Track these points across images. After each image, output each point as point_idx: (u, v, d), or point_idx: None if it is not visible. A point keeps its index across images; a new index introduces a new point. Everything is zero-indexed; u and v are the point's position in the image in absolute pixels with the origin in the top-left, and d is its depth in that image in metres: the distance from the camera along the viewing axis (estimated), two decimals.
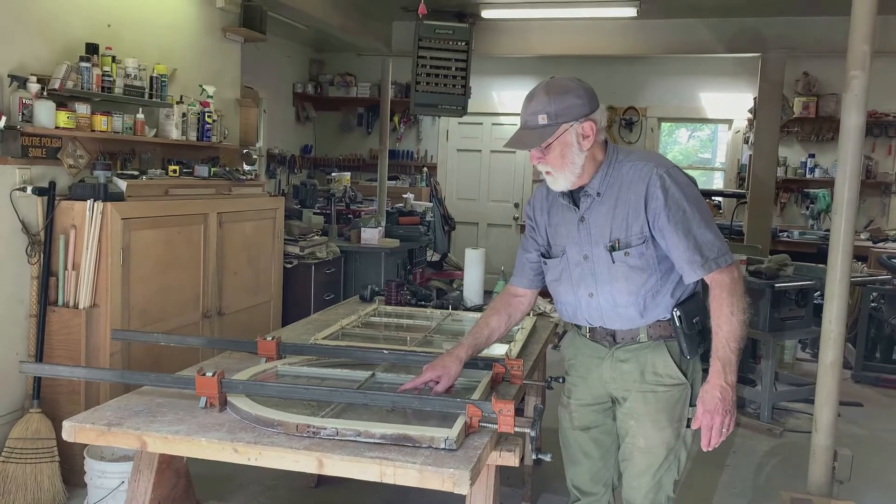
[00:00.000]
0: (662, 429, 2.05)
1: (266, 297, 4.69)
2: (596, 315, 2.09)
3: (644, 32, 6.64)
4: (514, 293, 2.30)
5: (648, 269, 1.99)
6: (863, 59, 2.89)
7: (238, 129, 5.07)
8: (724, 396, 1.91)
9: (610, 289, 2.03)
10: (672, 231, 1.93)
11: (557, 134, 1.95)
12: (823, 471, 3.06)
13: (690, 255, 1.92)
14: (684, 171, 2.04)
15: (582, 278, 2.07)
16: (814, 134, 7.74)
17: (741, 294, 1.93)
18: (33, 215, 3.31)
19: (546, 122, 1.95)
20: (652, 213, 1.95)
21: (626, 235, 1.98)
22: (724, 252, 1.93)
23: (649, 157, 2.04)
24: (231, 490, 3.35)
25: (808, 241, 7.18)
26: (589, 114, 1.96)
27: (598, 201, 2.02)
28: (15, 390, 3.30)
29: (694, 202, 1.94)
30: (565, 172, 1.99)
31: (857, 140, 2.93)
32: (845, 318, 3.06)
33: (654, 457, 2.07)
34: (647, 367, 2.05)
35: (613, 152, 2.04)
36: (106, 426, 1.88)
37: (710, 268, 1.92)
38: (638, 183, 1.96)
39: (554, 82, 1.99)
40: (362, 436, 1.79)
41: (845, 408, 4.72)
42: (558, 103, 1.94)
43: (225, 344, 2.86)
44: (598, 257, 2.03)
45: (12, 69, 3.24)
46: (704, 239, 1.92)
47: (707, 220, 1.95)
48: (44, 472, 3.10)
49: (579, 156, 1.97)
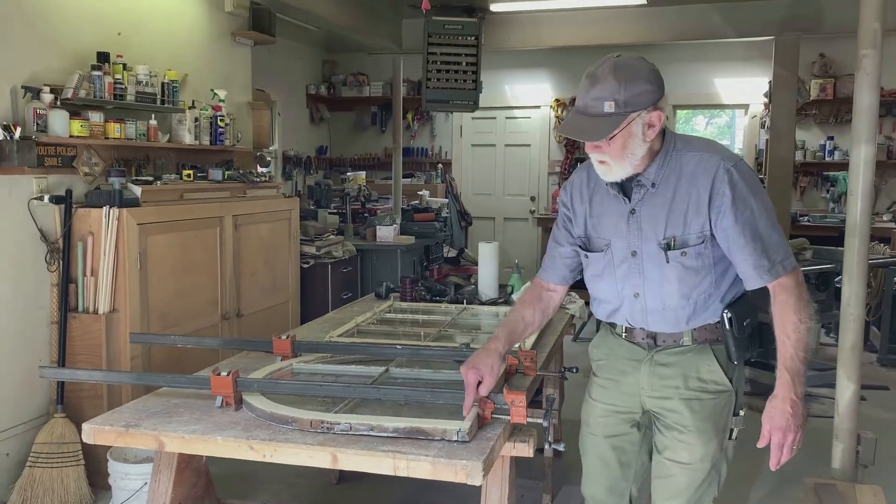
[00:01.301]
0: (709, 441, 1.90)
1: (284, 297, 4.72)
2: (640, 316, 1.92)
3: (655, 20, 6.58)
4: (546, 287, 2.10)
5: (704, 271, 1.83)
6: (874, 37, 2.85)
7: (251, 132, 5.11)
8: (794, 411, 1.75)
9: (660, 289, 1.87)
10: (739, 232, 1.76)
11: (624, 124, 1.74)
12: (847, 455, 3.03)
13: (758, 258, 1.76)
14: (749, 166, 1.88)
15: (628, 276, 1.90)
16: (832, 116, 7.64)
17: (808, 300, 1.78)
18: (51, 223, 3.37)
19: (613, 109, 1.73)
20: (716, 211, 1.78)
21: (683, 233, 1.81)
22: (789, 254, 1.79)
23: (713, 147, 1.86)
24: (253, 488, 3.38)
25: (828, 224, 7.10)
26: (658, 101, 1.77)
27: (651, 192, 1.84)
28: (39, 396, 3.36)
29: (761, 199, 1.78)
30: (624, 164, 1.80)
31: (870, 119, 2.89)
32: (864, 300, 3.01)
33: (696, 472, 1.91)
34: (690, 373, 1.89)
35: (671, 140, 1.85)
36: (124, 427, 1.91)
37: (778, 272, 1.76)
38: (702, 176, 1.79)
39: (623, 63, 1.76)
40: (375, 430, 1.80)
41: (871, 391, 4.66)
42: (629, 89, 1.73)
43: (241, 344, 2.89)
44: (649, 254, 1.86)
45: (26, 80, 3.29)
46: (771, 240, 1.77)
47: (773, 219, 1.79)
48: (70, 476, 3.15)
49: (641, 147, 1.78)
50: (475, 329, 3.04)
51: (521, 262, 4.06)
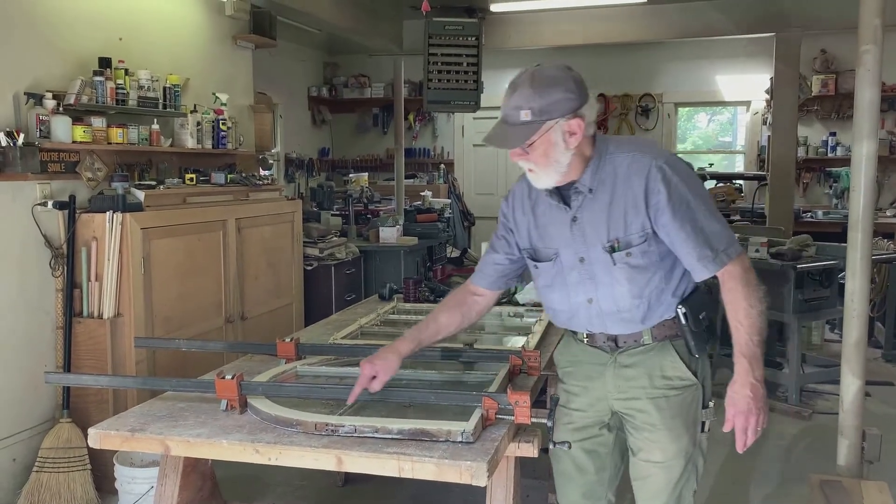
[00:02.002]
0: (679, 437, 1.91)
1: (287, 299, 4.73)
2: (597, 322, 1.93)
3: (656, 18, 6.58)
4: (472, 291, 2.12)
5: (652, 268, 1.85)
6: (874, 32, 2.84)
7: (253, 135, 5.12)
8: (755, 394, 1.79)
9: (612, 292, 1.87)
10: (679, 227, 1.78)
11: (541, 132, 1.76)
12: (852, 452, 3.02)
13: (700, 250, 1.78)
14: (682, 158, 1.93)
15: (580, 283, 1.91)
16: (834, 112, 7.64)
17: (756, 284, 1.81)
18: (55, 229, 3.38)
19: (529, 118, 1.75)
20: (654, 209, 1.79)
21: (625, 234, 1.82)
22: (732, 241, 1.81)
23: (645, 146, 1.87)
24: (259, 491, 3.39)
25: (832, 220, 7.08)
26: (578, 109, 1.77)
27: (590, 198, 1.85)
28: (45, 401, 3.37)
29: (697, 192, 1.81)
30: (549, 171, 1.82)
31: (872, 115, 2.88)
32: (868, 296, 3.01)
33: (672, 470, 1.93)
34: (654, 371, 1.91)
35: (603, 144, 1.86)
36: (130, 432, 1.92)
37: (722, 261, 1.78)
38: (636, 176, 1.80)
39: (540, 72, 1.78)
40: (380, 432, 1.81)
41: (876, 387, 4.65)
42: (544, 98, 1.74)
43: (245, 347, 2.90)
44: (596, 259, 1.87)
45: (28, 86, 3.30)
46: (712, 230, 1.79)
47: (711, 209, 1.82)
48: (76, 481, 3.16)
49: (565, 154, 1.79)
50: (479, 329, 3.04)
51: None
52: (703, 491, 3.40)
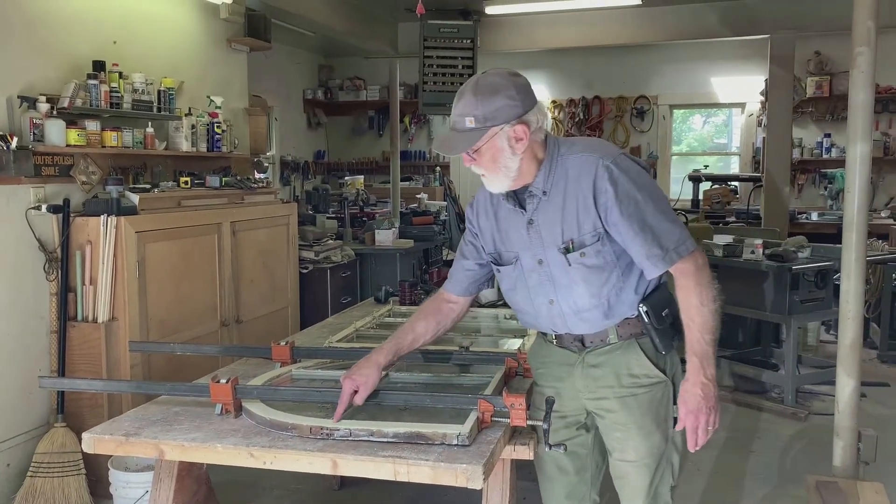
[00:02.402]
0: (650, 434, 1.91)
1: (283, 303, 4.72)
2: (560, 322, 1.94)
3: (650, 20, 6.60)
4: (446, 299, 2.14)
5: (608, 267, 1.85)
6: (868, 35, 2.85)
7: (248, 138, 5.11)
8: (706, 393, 1.79)
9: (570, 293, 1.89)
10: (627, 225, 1.78)
11: (485, 139, 1.79)
12: (848, 452, 3.02)
13: (649, 248, 1.78)
14: (634, 157, 1.89)
15: (540, 285, 1.92)
16: (828, 113, 7.66)
17: (709, 281, 1.80)
18: (49, 233, 3.37)
19: (473, 125, 1.78)
20: (603, 208, 1.80)
21: (578, 234, 1.83)
22: (684, 239, 1.80)
23: (594, 146, 1.87)
24: (254, 495, 3.38)
25: (827, 221, 7.11)
26: (522, 115, 1.79)
27: (545, 201, 1.86)
28: (39, 406, 3.36)
29: (646, 190, 1.80)
30: (499, 176, 1.85)
31: (866, 116, 2.89)
32: (863, 297, 3.01)
33: (647, 468, 1.94)
34: (621, 370, 1.91)
35: (555, 146, 1.88)
36: (124, 436, 1.91)
37: (672, 259, 1.78)
38: (584, 177, 1.81)
39: (483, 80, 1.81)
40: (375, 435, 1.80)
41: (871, 388, 4.66)
42: (486, 105, 1.77)
43: (240, 351, 2.89)
44: (553, 261, 1.88)
45: (21, 90, 3.29)
46: (662, 228, 1.78)
47: (662, 207, 1.81)
48: (71, 486, 3.15)
49: (513, 159, 1.82)
50: (475, 332, 3.04)
51: None
52: (699, 492, 3.40)
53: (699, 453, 3.79)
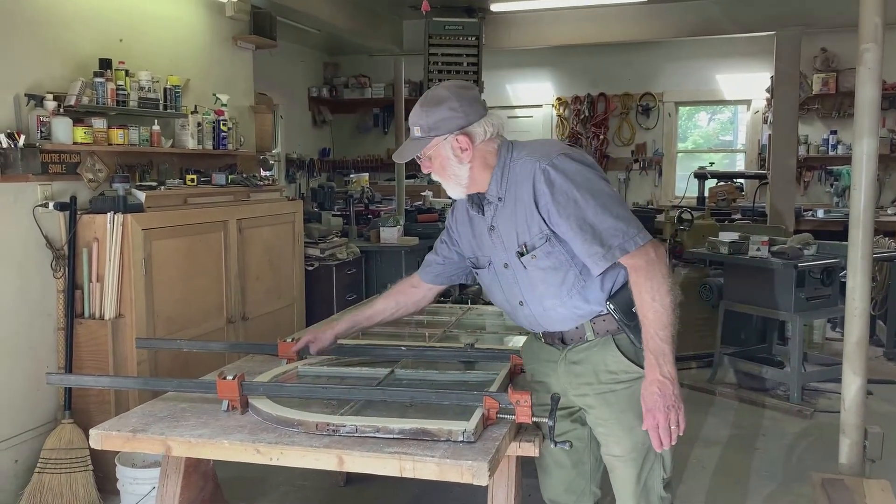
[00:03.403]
0: (632, 429, 1.90)
1: (289, 300, 4.73)
2: (533, 322, 2.00)
3: (655, 17, 6.58)
4: (412, 283, 2.28)
5: (562, 267, 1.87)
6: (875, 31, 2.84)
7: (254, 136, 5.12)
8: (663, 391, 1.76)
9: (534, 294, 1.93)
10: (566, 225, 1.80)
11: (430, 147, 1.90)
12: (854, 450, 3.02)
13: (589, 247, 1.79)
14: (577, 153, 1.87)
15: (510, 287, 1.98)
16: (835, 110, 7.63)
17: (662, 275, 1.77)
18: (56, 230, 3.38)
19: (420, 134, 1.90)
20: (544, 210, 1.83)
21: (529, 238, 1.87)
22: (631, 235, 1.77)
23: (536, 149, 1.90)
24: (261, 492, 3.39)
25: (833, 219, 7.07)
26: (465, 126, 1.87)
27: (501, 206, 1.91)
28: (47, 402, 3.38)
29: (586, 188, 1.79)
30: (450, 183, 1.93)
31: (872, 113, 2.88)
32: (869, 294, 3.00)
33: (633, 462, 1.94)
34: (599, 367, 1.92)
35: (507, 152, 1.92)
36: (131, 432, 1.92)
37: (614, 255, 1.78)
38: (526, 181, 1.84)
39: (431, 92, 1.93)
40: (381, 432, 1.81)
41: (878, 386, 4.65)
42: (430, 116, 1.88)
43: (246, 347, 2.91)
44: (515, 265, 1.92)
45: (29, 88, 3.30)
46: (604, 226, 1.77)
47: (605, 204, 1.79)
48: (78, 482, 3.17)
49: (460, 167, 1.90)
50: (480, 329, 3.05)
51: None
52: (704, 489, 3.40)
53: (704, 450, 3.80)
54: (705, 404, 4.48)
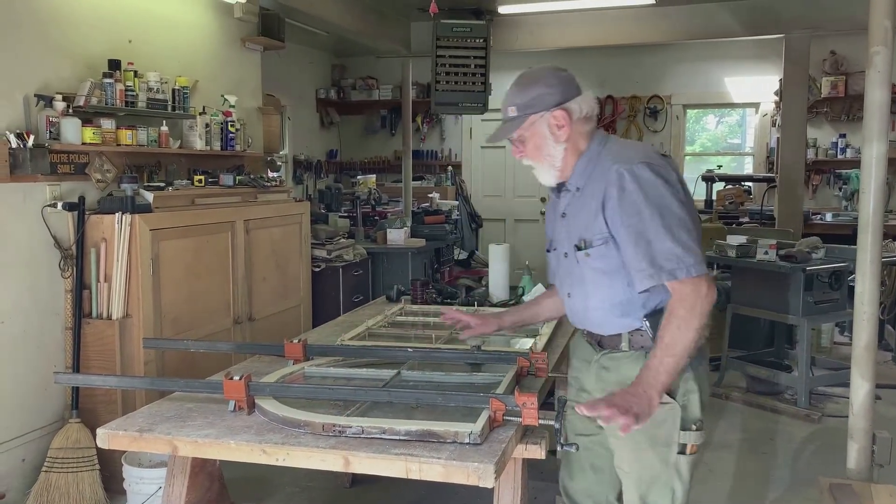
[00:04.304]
0: (642, 451, 1.85)
1: (295, 301, 4.74)
2: (576, 317, 2.00)
3: (664, 19, 6.56)
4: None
5: (613, 273, 1.83)
6: (885, 34, 2.83)
7: (262, 137, 5.13)
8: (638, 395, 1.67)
9: (581, 290, 1.92)
10: (625, 234, 1.77)
11: (526, 125, 1.87)
12: (862, 455, 3.00)
13: (638, 262, 1.75)
14: (662, 165, 1.80)
15: (565, 277, 1.99)
16: (844, 113, 7.58)
17: (699, 312, 1.71)
18: (64, 230, 3.39)
19: (516, 113, 1.88)
20: (609, 213, 1.80)
21: (590, 235, 1.85)
22: (685, 263, 1.71)
23: (627, 150, 1.87)
24: (267, 492, 3.39)
25: (842, 222, 7.03)
26: (561, 102, 1.85)
27: (577, 196, 1.90)
28: (55, 402, 3.39)
29: (655, 204, 1.74)
30: (544, 165, 1.91)
31: (882, 116, 2.86)
32: (878, 298, 2.99)
33: (638, 482, 1.89)
34: (625, 379, 1.82)
35: (599, 144, 1.89)
36: (138, 432, 1.92)
37: (661, 278, 1.72)
38: (602, 180, 1.82)
39: (524, 73, 1.92)
40: (387, 433, 1.81)
41: (886, 391, 4.63)
42: (526, 94, 1.87)
43: (253, 348, 2.91)
44: (572, 256, 1.92)
45: (38, 89, 3.32)
46: (660, 248, 1.72)
47: (670, 225, 1.73)
48: (85, 481, 3.18)
49: (556, 147, 1.88)
50: None
51: (532, 264, 4.06)
52: (712, 493, 3.38)
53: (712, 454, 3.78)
54: (713, 408, 4.47)
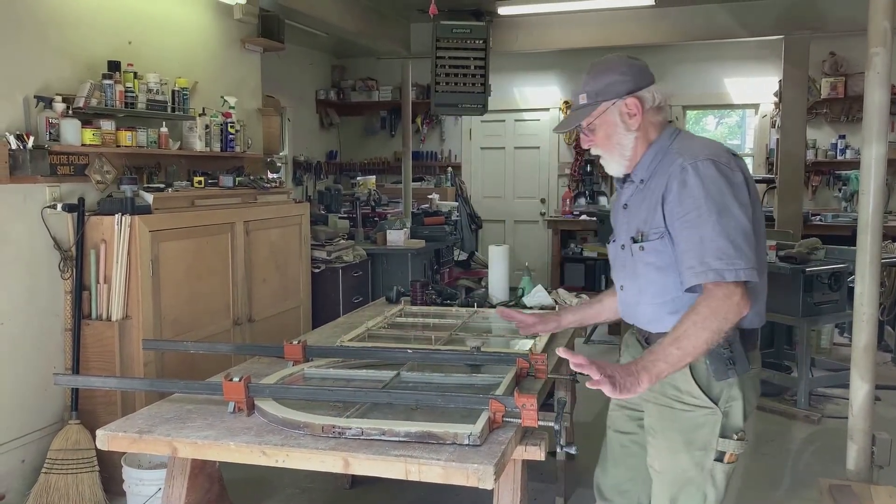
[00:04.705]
0: (676, 452, 1.83)
1: (295, 302, 4.74)
2: (626, 310, 1.97)
3: (663, 20, 6.57)
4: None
5: (665, 270, 1.79)
6: (884, 35, 2.83)
7: (261, 138, 5.13)
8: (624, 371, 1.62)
9: (634, 284, 1.89)
10: (679, 229, 1.73)
11: (597, 113, 1.84)
12: (862, 456, 3.00)
13: (688, 258, 1.70)
14: (727, 163, 1.75)
15: (620, 268, 1.95)
16: (843, 114, 7.59)
17: (723, 318, 1.65)
18: (64, 231, 3.39)
19: (587, 101, 1.85)
20: (668, 206, 1.75)
21: (647, 228, 1.81)
22: (735, 267, 1.65)
23: (695, 145, 1.81)
24: (267, 493, 3.39)
25: (841, 223, 7.04)
26: (634, 90, 1.82)
27: (640, 188, 1.87)
28: (54, 403, 3.39)
29: (714, 202, 1.68)
30: (614, 155, 1.88)
31: (881, 117, 2.87)
32: (877, 299, 2.99)
33: (669, 484, 1.86)
34: (668, 380, 1.78)
35: (670, 137, 1.86)
36: (138, 434, 1.92)
37: (707, 276, 1.66)
38: (665, 173, 1.78)
39: (598, 61, 1.90)
40: (387, 434, 1.81)
41: (885, 391, 4.63)
42: (598, 81, 1.84)
43: (252, 349, 2.91)
44: (628, 248, 1.89)
45: (38, 90, 3.32)
46: (713, 245, 1.66)
47: (726, 225, 1.67)
48: (85, 482, 3.17)
49: (626, 136, 1.85)
50: (486, 332, 3.04)
51: (532, 265, 4.07)
52: None
53: None
54: None
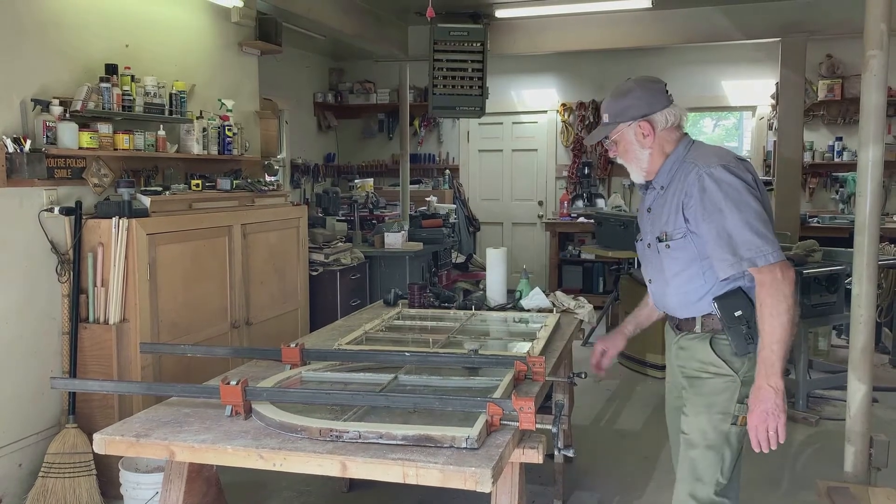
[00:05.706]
0: (699, 413, 2.09)
1: (293, 305, 4.74)
2: (657, 301, 2.24)
3: (661, 23, 6.58)
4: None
5: (690, 264, 2.06)
6: (880, 38, 2.84)
7: (259, 141, 5.13)
8: (762, 397, 1.92)
9: (661, 278, 2.15)
10: (706, 229, 1.98)
11: (615, 132, 2.14)
12: (860, 458, 3.00)
13: (721, 252, 1.96)
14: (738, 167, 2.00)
15: (648, 265, 2.22)
16: (840, 116, 7.60)
17: (783, 294, 1.90)
18: (61, 235, 3.39)
19: (608, 120, 2.14)
20: (689, 212, 2.01)
21: (670, 229, 2.07)
22: (764, 252, 1.92)
23: (707, 154, 2.06)
24: (264, 497, 3.38)
25: (838, 225, 7.04)
26: (648, 114, 2.09)
27: (661, 193, 2.13)
28: (51, 407, 3.38)
29: (733, 200, 1.95)
30: (633, 166, 2.17)
31: (878, 120, 2.87)
32: (875, 302, 2.99)
33: (692, 445, 2.10)
34: (695, 356, 2.12)
35: (685, 147, 2.11)
36: (135, 437, 1.92)
37: (743, 266, 1.93)
38: (684, 180, 2.04)
39: (620, 84, 2.16)
40: (384, 438, 1.81)
41: (883, 393, 4.63)
42: (617, 105, 2.12)
43: (250, 353, 2.90)
44: (654, 247, 2.15)
45: (35, 93, 3.31)
46: (741, 238, 1.93)
47: (748, 218, 1.94)
48: (82, 486, 3.17)
49: (642, 152, 2.12)
50: (484, 335, 3.04)
51: (530, 267, 4.06)
52: None
53: None
54: None
